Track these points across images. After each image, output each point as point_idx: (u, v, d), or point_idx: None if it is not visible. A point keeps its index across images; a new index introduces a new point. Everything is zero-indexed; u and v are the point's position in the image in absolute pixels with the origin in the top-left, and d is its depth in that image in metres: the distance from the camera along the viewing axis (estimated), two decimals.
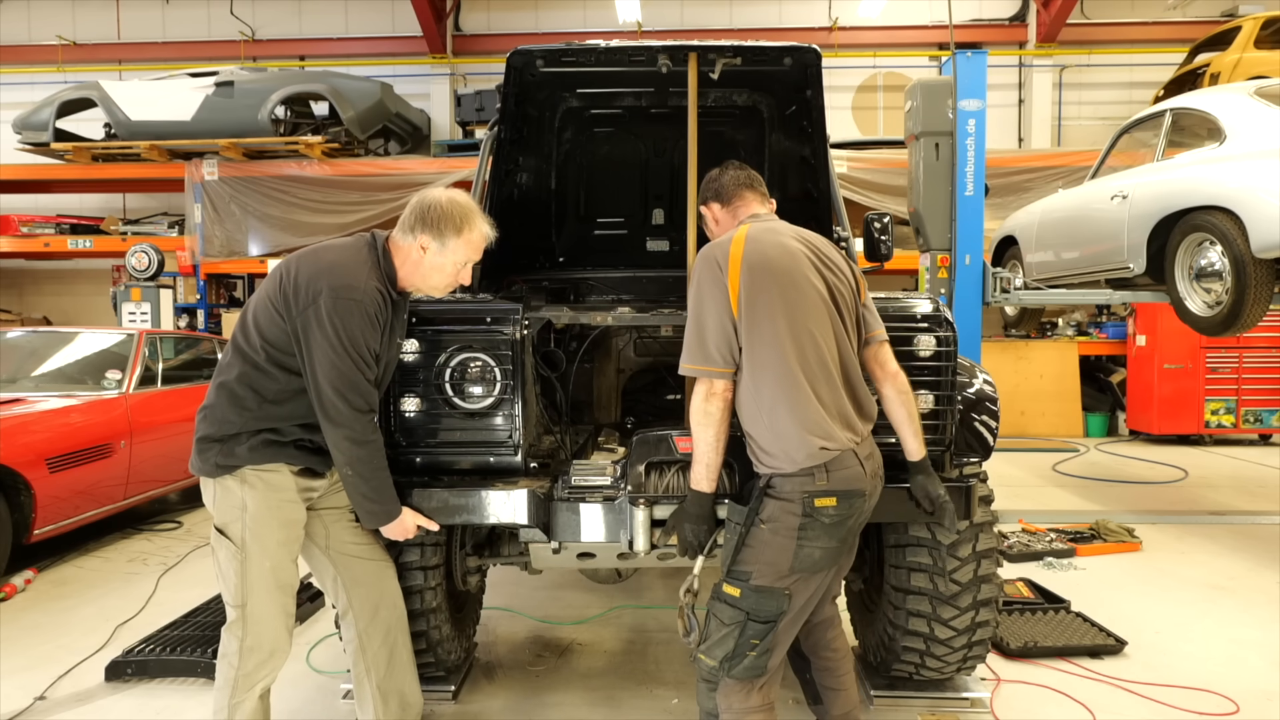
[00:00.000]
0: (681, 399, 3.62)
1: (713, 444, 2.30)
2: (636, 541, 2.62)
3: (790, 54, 3.32)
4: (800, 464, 2.19)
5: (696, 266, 2.38)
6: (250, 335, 2.41)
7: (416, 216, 2.45)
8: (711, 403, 2.28)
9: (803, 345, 2.24)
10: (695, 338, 2.31)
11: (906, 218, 6.59)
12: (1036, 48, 12.56)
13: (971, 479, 2.75)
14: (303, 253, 2.48)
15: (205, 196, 10.95)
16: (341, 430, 2.34)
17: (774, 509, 2.22)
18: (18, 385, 5.80)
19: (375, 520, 2.51)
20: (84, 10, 13.22)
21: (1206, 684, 3.50)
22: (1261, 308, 4.59)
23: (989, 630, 3.07)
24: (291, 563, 2.49)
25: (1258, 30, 8.95)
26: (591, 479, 2.77)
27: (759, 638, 2.23)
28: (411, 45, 12.79)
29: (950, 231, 6.00)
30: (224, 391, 2.40)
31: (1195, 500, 7.10)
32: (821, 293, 2.31)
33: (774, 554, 2.21)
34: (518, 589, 4.60)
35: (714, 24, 12.82)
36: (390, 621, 2.68)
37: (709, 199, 2.64)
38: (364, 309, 2.33)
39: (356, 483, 2.43)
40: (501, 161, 3.71)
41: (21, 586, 4.72)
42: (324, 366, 2.31)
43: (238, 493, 2.39)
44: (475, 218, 2.49)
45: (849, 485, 2.22)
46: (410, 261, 2.47)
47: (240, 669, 2.42)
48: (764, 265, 2.28)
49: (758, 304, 2.24)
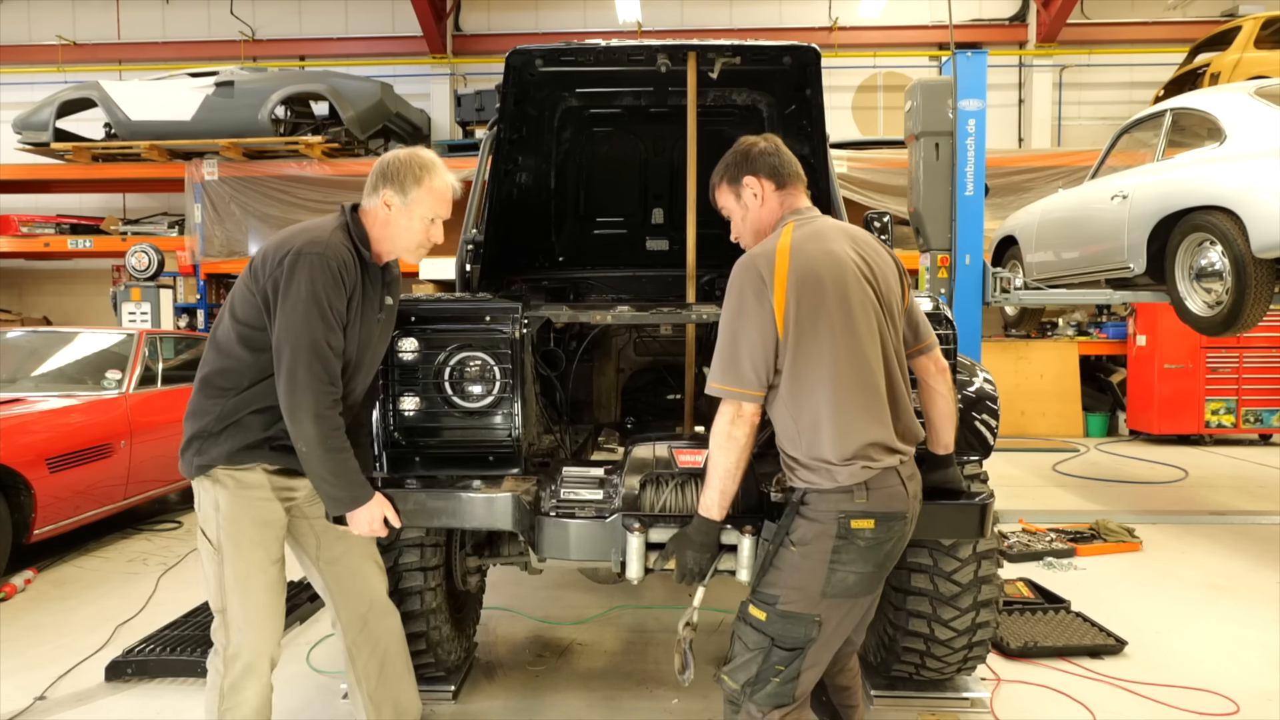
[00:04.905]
0: (681, 399, 3.62)
1: (732, 471, 2.15)
2: (630, 568, 2.44)
3: (790, 53, 3.32)
4: (840, 482, 2.06)
5: (736, 278, 2.16)
6: (224, 322, 2.39)
7: (378, 174, 2.42)
8: (738, 426, 2.12)
9: (852, 366, 2.09)
10: (729, 356, 2.12)
11: (906, 218, 6.59)
12: (1036, 48, 12.56)
13: (986, 497, 2.62)
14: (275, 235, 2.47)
15: (205, 196, 10.95)
16: (297, 400, 2.24)
17: (806, 530, 2.08)
18: (18, 385, 5.80)
19: (339, 506, 2.37)
20: (84, 10, 13.22)
21: (1206, 684, 3.50)
22: (1261, 308, 4.59)
23: (989, 630, 3.07)
24: (271, 564, 2.42)
25: (1258, 30, 8.95)
26: (582, 492, 2.65)
27: (784, 664, 2.09)
28: (411, 45, 12.80)
29: (950, 231, 6.01)
30: (200, 386, 2.39)
31: (1195, 500, 7.10)
32: (872, 305, 2.15)
33: (804, 578, 2.07)
34: (518, 589, 4.60)
35: (714, 24, 12.81)
36: (379, 632, 2.62)
37: (759, 172, 2.31)
38: (326, 263, 2.27)
39: (315, 464, 2.30)
40: (501, 161, 3.71)
41: (21, 586, 4.72)
42: (285, 328, 2.25)
43: (212, 493, 2.36)
44: (436, 168, 2.43)
45: (889, 506, 2.08)
46: (379, 222, 2.42)
47: (226, 678, 2.38)
48: (814, 280, 2.09)
49: (805, 322, 2.07)
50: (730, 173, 2.35)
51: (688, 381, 3.42)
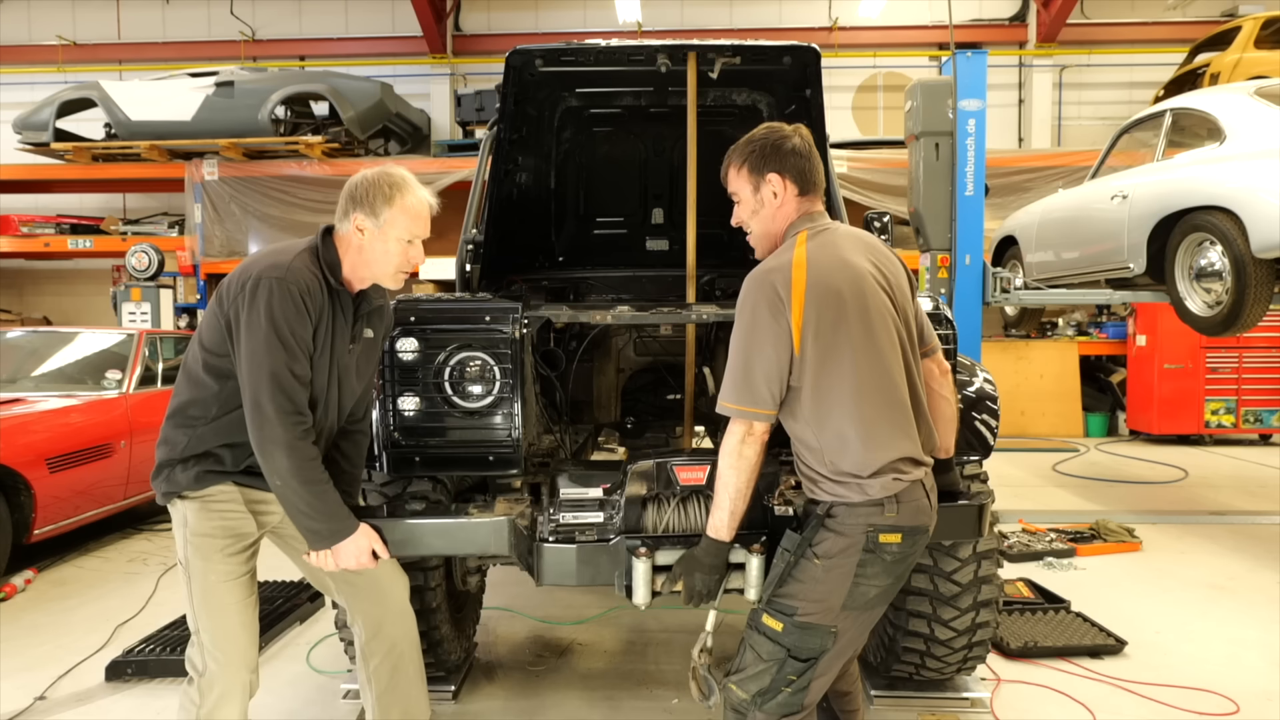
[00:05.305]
0: (681, 399, 3.62)
1: (742, 491, 2.09)
2: (637, 593, 2.37)
3: (789, 53, 3.32)
4: (871, 495, 2.01)
5: (750, 294, 2.08)
6: (193, 349, 2.33)
7: (346, 197, 2.30)
8: (749, 445, 2.07)
9: (876, 380, 2.04)
10: (741, 374, 2.06)
11: (906, 218, 6.60)
12: (1036, 48, 12.56)
13: (984, 497, 2.63)
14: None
15: (205, 196, 10.94)
16: (266, 433, 2.15)
17: (832, 544, 2.03)
18: (18, 385, 5.80)
19: (320, 540, 2.25)
20: (84, 10, 13.22)
21: (1206, 684, 3.50)
22: (1261, 308, 4.59)
23: (989, 631, 3.07)
24: (239, 578, 2.33)
25: (1258, 30, 8.94)
26: (581, 514, 2.60)
27: (797, 675, 2.05)
28: (411, 45, 12.79)
29: (950, 231, 6.01)
30: (170, 415, 2.33)
31: (1195, 500, 7.10)
32: (891, 315, 2.10)
33: (825, 591, 2.03)
34: (518, 589, 4.60)
35: (714, 24, 12.82)
36: (395, 637, 2.55)
37: (787, 172, 2.17)
38: (287, 288, 2.16)
39: (291, 498, 2.20)
40: (501, 161, 3.71)
41: (21, 586, 4.72)
42: (248, 357, 2.17)
43: (180, 509, 2.32)
44: (407, 185, 2.30)
45: (916, 520, 2.06)
46: (353, 248, 2.30)
47: (202, 708, 2.28)
48: (833, 294, 2.03)
49: (826, 337, 2.01)
50: (754, 161, 2.19)
51: (688, 381, 3.42)
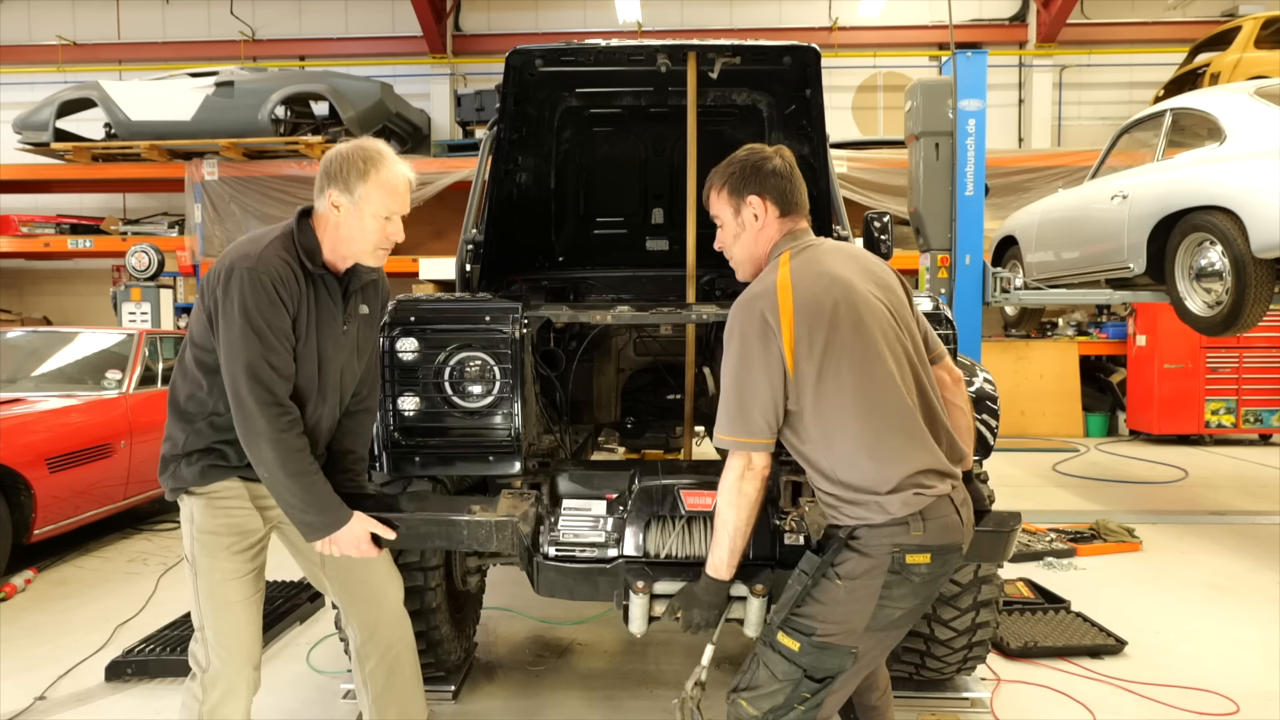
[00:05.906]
0: (681, 399, 3.62)
1: (742, 528, 2.03)
2: (634, 624, 2.39)
3: (789, 53, 3.32)
4: (893, 514, 1.92)
5: (737, 321, 2.02)
6: (186, 345, 2.33)
7: (321, 174, 2.24)
8: (748, 481, 2.00)
9: (879, 391, 1.96)
10: (735, 405, 1.99)
11: (906, 218, 6.60)
12: (1036, 48, 12.56)
13: (1011, 524, 2.49)
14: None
15: (205, 196, 10.95)
16: (249, 426, 2.13)
17: (856, 565, 1.94)
18: (18, 385, 5.80)
19: (314, 532, 2.24)
20: (84, 10, 13.22)
21: (1206, 684, 3.50)
22: (1261, 308, 4.60)
23: (989, 631, 3.07)
24: (246, 575, 2.33)
25: (1258, 30, 8.95)
26: (582, 531, 2.58)
27: (811, 694, 1.97)
28: (411, 45, 12.79)
29: (950, 231, 6.02)
30: (170, 409, 2.33)
31: (1195, 500, 7.10)
32: (888, 321, 2.03)
33: (846, 613, 1.94)
34: (518, 589, 4.59)
35: (714, 24, 12.81)
36: (391, 639, 2.54)
37: (767, 194, 2.13)
38: (258, 278, 2.12)
39: (280, 490, 2.18)
40: (501, 161, 3.71)
41: (21, 586, 4.72)
42: (226, 350, 2.14)
43: (187, 505, 2.31)
44: (383, 158, 2.23)
45: (945, 538, 1.96)
46: (330, 226, 2.25)
47: (205, 703, 2.27)
48: (821, 310, 1.96)
49: (820, 355, 1.94)
50: (734, 183, 2.17)
51: (688, 381, 3.42)
